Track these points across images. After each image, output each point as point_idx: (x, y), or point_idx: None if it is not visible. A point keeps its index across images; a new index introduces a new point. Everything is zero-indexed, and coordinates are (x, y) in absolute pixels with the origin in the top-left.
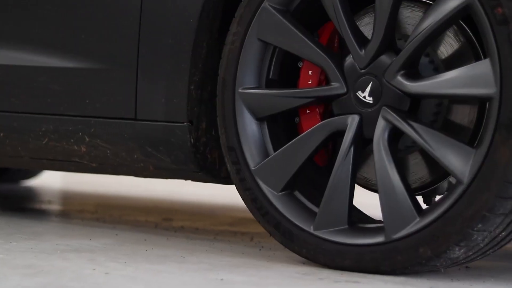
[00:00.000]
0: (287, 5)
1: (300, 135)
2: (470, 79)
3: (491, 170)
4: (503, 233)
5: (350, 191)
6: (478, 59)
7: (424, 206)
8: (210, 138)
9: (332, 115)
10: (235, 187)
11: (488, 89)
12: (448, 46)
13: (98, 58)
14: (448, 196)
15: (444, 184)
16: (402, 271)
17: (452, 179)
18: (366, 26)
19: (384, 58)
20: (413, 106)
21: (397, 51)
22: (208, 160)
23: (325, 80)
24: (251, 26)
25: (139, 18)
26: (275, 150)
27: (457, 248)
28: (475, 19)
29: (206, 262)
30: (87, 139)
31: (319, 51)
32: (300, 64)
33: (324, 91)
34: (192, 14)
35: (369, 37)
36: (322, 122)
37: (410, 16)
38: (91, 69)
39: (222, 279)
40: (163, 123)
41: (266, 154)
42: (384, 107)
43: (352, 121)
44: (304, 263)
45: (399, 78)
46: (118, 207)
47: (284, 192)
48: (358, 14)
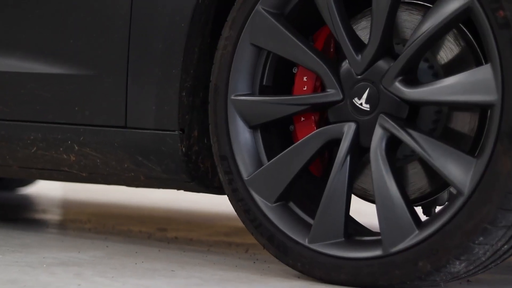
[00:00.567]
0: (281, 8)
1: (294, 144)
2: (470, 85)
3: (493, 180)
4: (506, 246)
5: (346, 202)
6: (479, 64)
7: (424, 218)
8: (202, 147)
9: (328, 123)
10: (228, 197)
11: (489, 96)
12: (448, 51)
13: (87, 64)
14: (448, 207)
15: (445, 195)
16: (400, 286)
17: (453, 190)
18: (363, 30)
19: (382, 64)
20: (411, 114)
21: (395, 56)
22: (201, 170)
23: (320, 86)
24: (244, 30)
25: (129, 23)
26: (269, 160)
27: (457, 262)
28: (476, 23)
29: (197, 276)
30: (77, 147)
31: (314, 56)
32: (294, 70)
33: (319, 98)
34: (183, 18)
35: (366, 41)
36: (318, 130)
37: (408, 19)
38: (80, 75)
39: None
40: (154, 131)
41: (259, 163)
42: (381, 114)
43: (349, 129)
44: (299, 277)
45: (397, 84)
46: (113, 216)
47: (278, 203)
48: (355, 17)
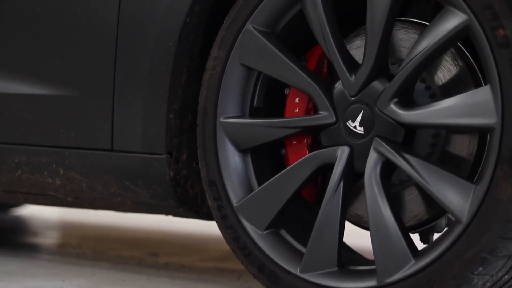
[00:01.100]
0: (272, 27)
1: (286, 169)
2: (469, 107)
3: (492, 208)
4: (506, 276)
5: (340, 230)
6: (478, 85)
7: (421, 245)
8: (191, 171)
9: (321, 146)
10: (217, 224)
11: (489, 118)
12: (445, 71)
13: (72, 85)
14: (446, 236)
15: (443, 221)
16: None
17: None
18: (358, 49)
19: (376, 85)
20: (407, 137)
21: (390, 77)
22: (190, 195)
23: (313, 108)
24: (233, 50)
25: (115, 42)
26: (259, 185)
27: None
28: (475, 42)
29: None
30: (62, 171)
31: (306, 77)
32: (286, 91)
33: (312, 120)
34: (170, 37)
35: (360, 61)
36: (309, 154)
37: (404, 38)
38: (65, 96)
39: None
40: (141, 155)
41: (249, 189)
42: (376, 138)
43: (342, 153)
44: None
45: (393, 106)
46: (105, 239)
47: (268, 230)
48: (349, 36)
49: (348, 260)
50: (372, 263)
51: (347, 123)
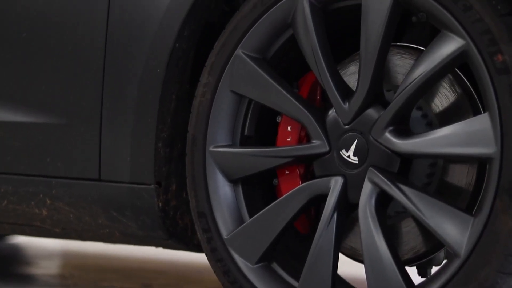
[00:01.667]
0: (263, 52)
1: (278, 199)
2: (467, 136)
3: (492, 241)
4: None
5: (333, 263)
6: (477, 113)
7: (419, 279)
8: (181, 202)
9: (314, 176)
10: (206, 257)
11: (488, 148)
12: (443, 98)
13: (59, 112)
14: (443, 270)
15: (441, 254)
16: None
17: None
18: (352, 75)
19: (371, 112)
20: (403, 167)
21: (385, 104)
22: (179, 226)
23: (306, 136)
24: (223, 76)
25: (102, 69)
26: (250, 216)
27: None
28: (472, 68)
29: None
30: (49, 201)
31: (298, 104)
32: (278, 119)
33: (304, 149)
34: (159, 63)
35: (354, 88)
36: (302, 185)
37: (400, 64)
38: (52, 124)
39: None
40: (129, 185)
41: (240, 220)
42: (370, 168)
43: (335, 183)
44: None
45: (388, 135)
46: (98, 269)
47: (260, 264)
48: (343, 62)
49: None
50: None
51: (340, 152)
